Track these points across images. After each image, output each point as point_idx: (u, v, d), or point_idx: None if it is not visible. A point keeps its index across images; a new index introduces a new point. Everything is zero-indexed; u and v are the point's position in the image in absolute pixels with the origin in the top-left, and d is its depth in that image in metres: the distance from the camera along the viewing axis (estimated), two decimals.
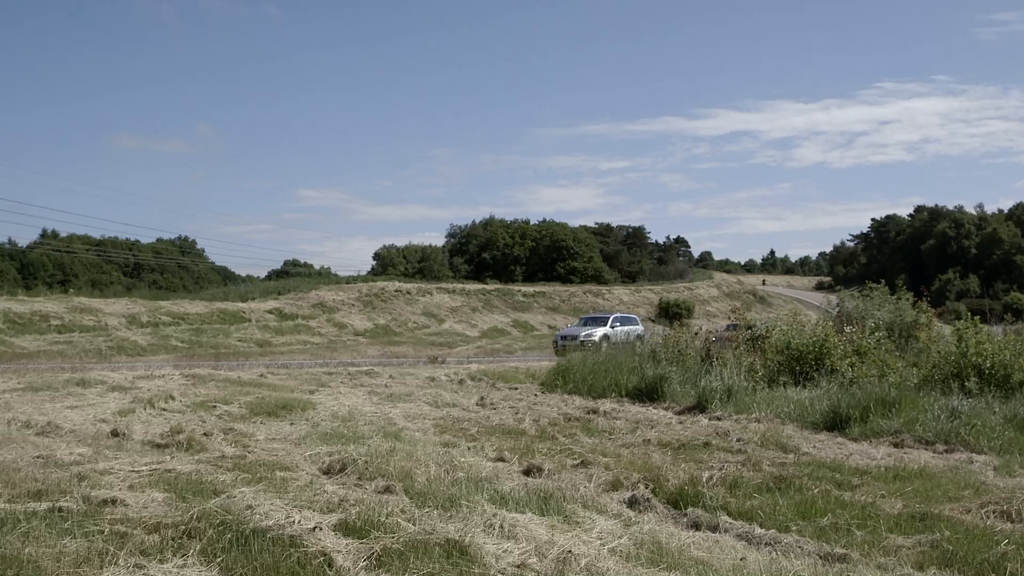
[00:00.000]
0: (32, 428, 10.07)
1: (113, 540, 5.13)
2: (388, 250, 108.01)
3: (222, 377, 16.16)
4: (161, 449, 9.17)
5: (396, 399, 14.44)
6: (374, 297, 56.87)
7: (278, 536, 5.30)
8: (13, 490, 6.41)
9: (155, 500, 6.20)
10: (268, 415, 12.06)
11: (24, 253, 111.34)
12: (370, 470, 7.87)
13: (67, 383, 14.20)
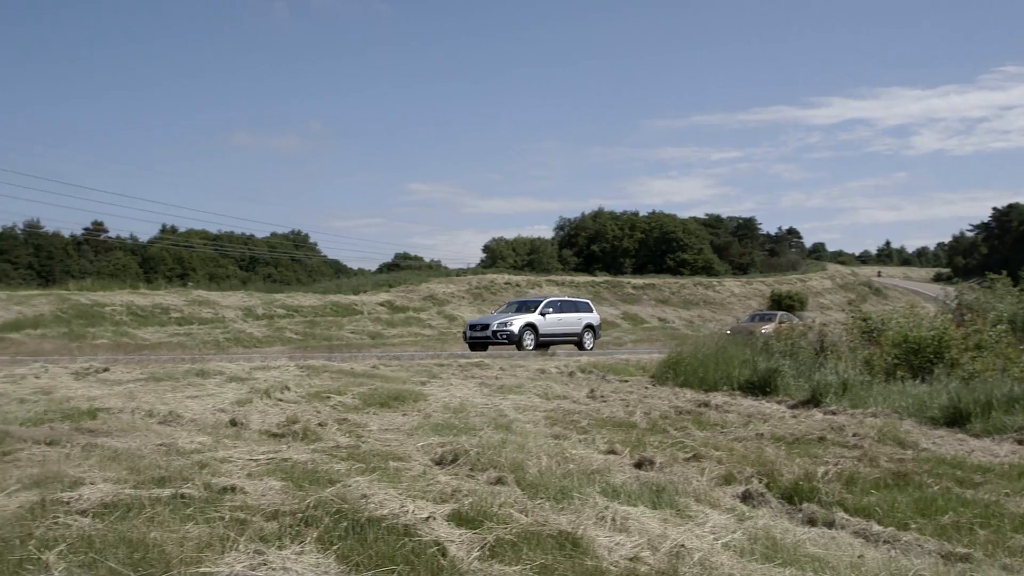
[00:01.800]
0: (155, 417, 10.34)
1: (233, 526, 5.24)
2: (497, 243, 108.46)
3: (335, 368, 16.40)
4: (277, 438, 9.34)
5: (506, 391, 14.49)
6: (483, 290, 57.22)
7: (392, 525, 5.37)
8: (138, 476, 6.60)
9: (273, 488, 6.32)
10: (381, 406, 12.20)
11: (145, 248, 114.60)
12: (482, 461, 7.91)
13: (187, 373, 14.55)
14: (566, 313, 32.69)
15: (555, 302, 33.29)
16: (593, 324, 33.43)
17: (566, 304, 33.72)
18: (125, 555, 4.57)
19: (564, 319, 32.24)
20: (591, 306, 35.13)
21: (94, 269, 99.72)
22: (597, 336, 33.91)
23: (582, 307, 34.24)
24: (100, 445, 8.19)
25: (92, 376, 14.56)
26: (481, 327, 31.31)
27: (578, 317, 32.96)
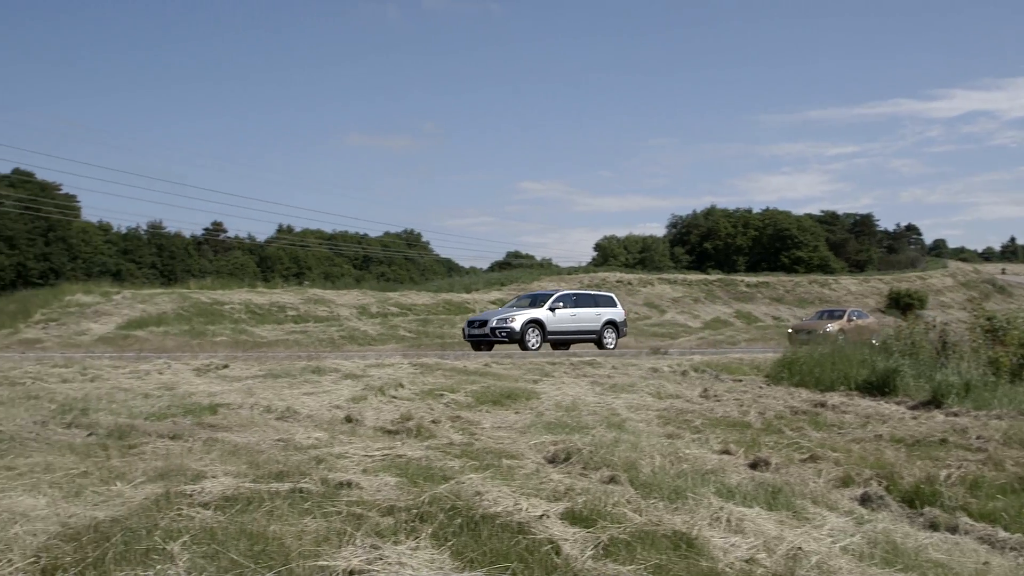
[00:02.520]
0: (272, 413, 10.55)
1: (350, 521, 5.31)
2: (609, 241, 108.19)
3: (448, 366, 16.53)
4: (392, 435, 9.44)
5: (619, 390, 14.42)
6: (595, 288, 57.00)
7: (506, 522, 5.38)
8: (257, 471, 6.74)
9: (388, 484, 6.39)
10: (493, 404, 12.25)
11: (262, 248, 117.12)
12: (595, 460, 7.88)
13: (303, 371, 14.81)
14: (582, 308, 29.94)
15: (569, 296, 30.70)
16: (616, 320, 30.63)
17: (583, 298, 31.12)
18: (246, 547, 4.67)
19: (579, 315, 29.58)
20: (615, 300, 32.13)
21: (214, 268, 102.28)
22: (622, 334, 31.23)
23: (603, 301, 31.43)
24: (221, 440, 8.39)
25: (212, 372, 14.93)
26: (479, 324, 28.45)
27: (596, 313, 30.21)
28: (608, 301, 31.40)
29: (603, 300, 31.41)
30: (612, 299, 31.92)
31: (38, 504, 5.58)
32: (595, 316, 29.98)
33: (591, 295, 32.04)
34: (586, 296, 31.51)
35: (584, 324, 29.56)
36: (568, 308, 29.30)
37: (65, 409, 10.07)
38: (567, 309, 29.22)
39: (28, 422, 9.10)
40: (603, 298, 31.70)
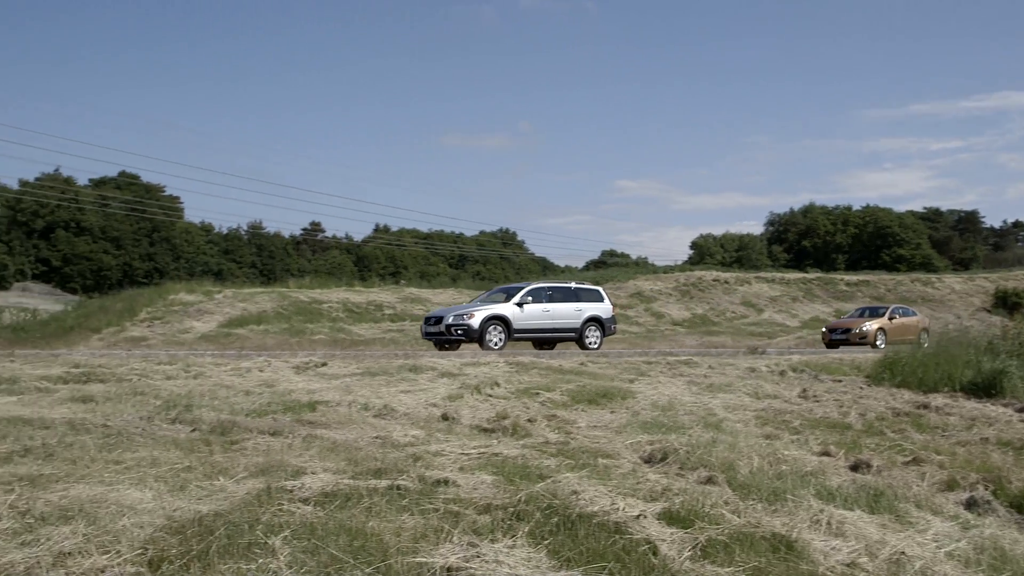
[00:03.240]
0: (370, 410, 10.66)
1: (447, 518, 5.35)
2: (705, 239, 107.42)
3: (544, 365, 16.53)
4: (488, 433, 9.47)
5: (715, 389, 14.28)
6: (691, 287, 56.55)
7: (603, 522, 5.36)
8: (356, 468, 6.82)
9: (484, 482, 6.41)
10: (589, 403, 12.23)
11: (359, 247, 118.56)
12: (691, 460, 7.82)
13: (400, 369, 14.95)
14: (557, 303, 26.95)
15: (543, 289, 27.45)
16: (601, 317, 27.69)
17: (560, 292, 27.80)
18: (345, 543, 4.73)
19: (555, 310, 26.66)
20: (601, 294, 28.89)
21: (312, 268, 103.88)
22: (608, 331, 28.22)
23: (586, 295, 28.24)
24: (319, 436, 8.51)
25: (311, 370, 15.16)
26: (435, 321, 25.91)
27: (576, 308, 27.27)
28: (593, 295, 28.43)
29: (587, 294, 28.30)
30: (598, 293, 28.86)
31: (144, 497, 5.72)
32: (574, 312, 27.19)
33: (571, 288, 28.48)
34: (564, 290, 28.20)
35: (561, 321, 26.82)
36: (541, 303, 26.57)
37: (170, 405, 10.31)
38: (539, 304, 26.48)
39: (134, 417, 9.33)
40: (587, 292, 28.51)
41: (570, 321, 26.89)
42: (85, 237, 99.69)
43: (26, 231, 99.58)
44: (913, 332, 34.22)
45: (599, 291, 28.87)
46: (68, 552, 4.45)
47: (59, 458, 7.06)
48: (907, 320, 36.33)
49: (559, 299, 27.15)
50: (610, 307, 28.66)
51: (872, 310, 38.62)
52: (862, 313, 38.12)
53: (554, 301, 26.93)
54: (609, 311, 28.38)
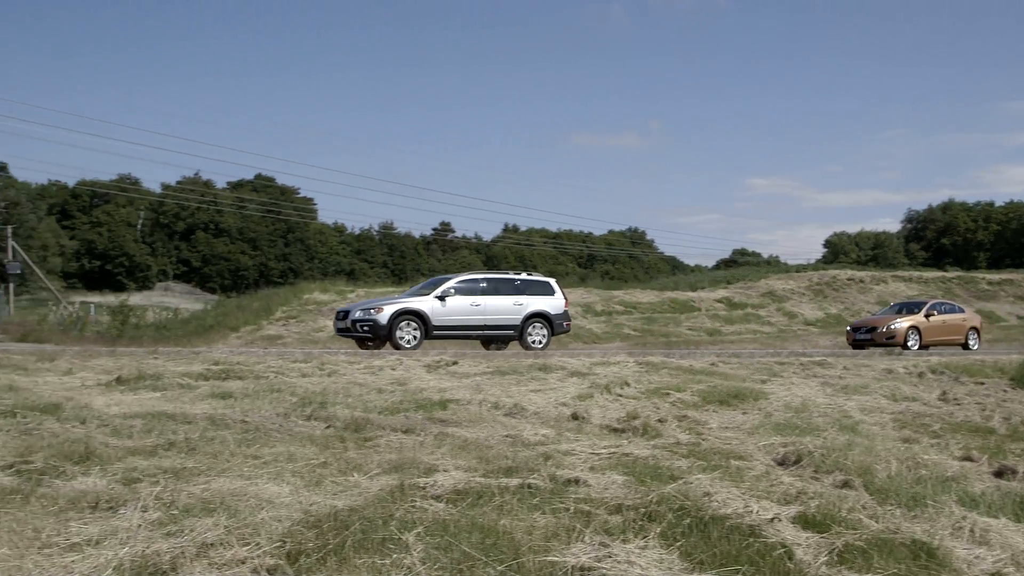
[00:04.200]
0: (500, 409, 10.72)
1: (579, 518, 5.34)
2: (839, 237, 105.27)
3: (674, 365, 16.39)
4: (618, 433, 9.44)
5: (851, 391, 13.96)
6: (825, 286, 55.38)
7: (736, 524, 5.29)
8: (487, 466, 6.87)
9: (615, 482, 6.39)
10: (720, 403, 12.08)
11: (489, 247, 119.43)
12: (827, 463, 7.65)
13: (530, 368, 14.99)
14: (492, 296, 24.05)
15: (476, 281, 24.50)
16: (548, 313, 24.60)
17: (498, 284, 24.70)
18: (477, 540, 4.76)
19: (487, 305, 23.79)
20: (552, 287, 25.57)
21: (442, 267, 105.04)
22: (557, 330, 25.03)
23: (532, 288, 24.99)
24: (451, 434, 8.59)
25: (442, 369, 15.31)
26: (343, 315, 23.55)
27: (516, 303, 24.24)
28: (540, 288, 25.24)
29: (533, 287, 25.13)
30: (548, 285, 25.67)
31: (282, 492, 5.86)
32: (513, 307, 24.24)
33: (512, 280, 25.33)
34: (504, 281, 25.11)
35: (495, 317, 23.96)
36: (470, 296, 23.70)
37: (305, 402, 10.53)
38: (467, 297, 23.62)
39: (271, 414, 9.56)
40: (533, 284, 25.29)
41: (508, 317, 24.11)
42: (223, 238, 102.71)
43: (168, 233, 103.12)
44: (958, 332, 31.28)
45: (549, 283, 25.82)
46: (210, 543, 4.58)
47: (201, 452, 7.28)
48: (950, 318, 31.75)
49: (496, 292, 24.26)
50: (562, 302, 25.40)
51: (909, 306, 33.56)
52: (899, 310, 33.15)
53: (488, 294, 24.04)
54: (560, 306, 25.19)
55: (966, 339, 31.20)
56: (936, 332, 30.58)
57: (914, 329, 30.00)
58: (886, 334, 29.95)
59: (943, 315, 31.50)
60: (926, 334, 30.11)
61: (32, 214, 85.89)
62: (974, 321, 32.56)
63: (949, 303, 34.34)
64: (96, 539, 4.72)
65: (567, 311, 25.53)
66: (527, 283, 25.15)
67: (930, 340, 30.35)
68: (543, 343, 24.32)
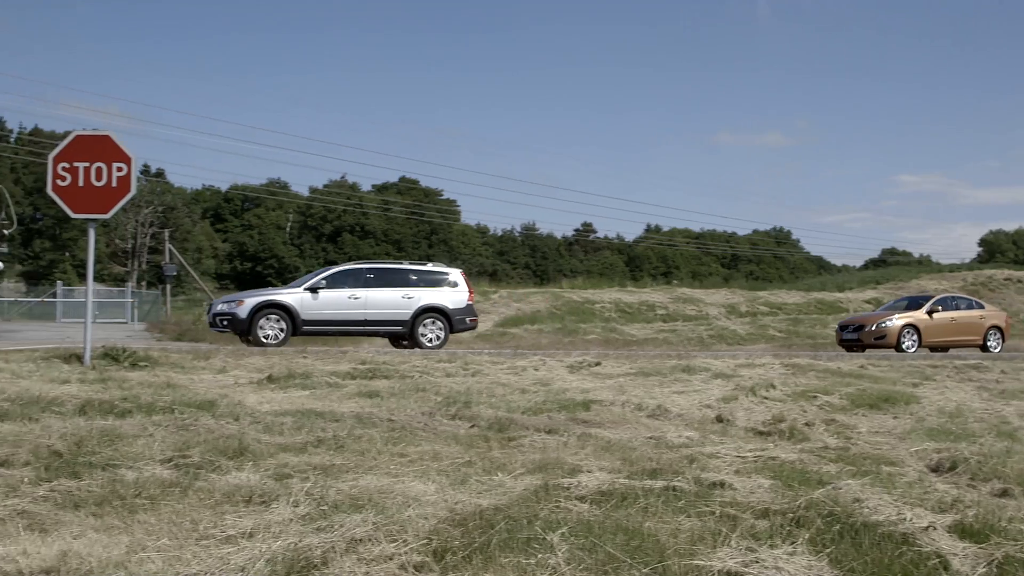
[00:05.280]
0: (643, 411, 10.67)
1: (724, 522, 5.27)
2: (996, 235, 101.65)
3: (821, 367, 16.07)
4: (763, 436, 9.29)
5: (1009, 396, 13.43)
6: (980, 286, 53.48)
7: (888, 532, 5.14)
8: (631, 467, 6.84)
9: (761, 486, 6.29)
10: (870, 407, 11.76)
11: (631, 247, 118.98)
12: (984, 471, 7.37)
13: (673, 369, 14.88)
14: (377, 288, 22.19)
15: (359, 271, 22.77)
16: (445, 308, 22.62)
17: (385, 275, 22.82)
18: (622, 542, 4.74)
19: (370, 298, 21.93)
20: (454, 279, 23.51)
21: (584, 268, 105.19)
22: (458, 326, 23.08)
23: (427, 280, 23.01)
24: (594, 435, 8.58)
25: (585, 370, 15.32)
26: (209, 308, 22.57)
27: (405, 296, 22.34)
28: (439, 280, 23.20)
29: (429, 278, 23.10)
30: (450, 277, 23.55)
31: (428, 490, 5.94)
32: (402, 300, 22.28)
33: (406, 271, 23.40)
34: (395, 272, 23.22)
35: (379, 311, 22.13)
36: (350, 288, 22.01)
37: (449, 401, 10.66)
38: (344, 289, 21.93)
39: (417, 413, 9.70)
40: (430, 275, 23.21)
41: (395, 312, 22.23)
42: (369, 240, 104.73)
43: (315, 235, 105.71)
44: (974, 331, 27.77)
45: (452, 275, 23.68)
46: (359, 539, 4.66)
47: (348, 450, 7.43)
48: (961, 315, 28.29)
49: (382, 283, 22.44)
50: (465, 295, 23.27)
51: (912, 301, 29.99)
52: (907, 305, 29.42)
53: (373, 285, 22.29)
54: (462, 300, 23.12)
55: (984, 339, 28.01)
56: (942, 331, 27.52)
57: (911, 328, 27.07)
58: (875, 333, 27.18)
59: (952, 312, 28.30)
60: (927, 333, 27.10)
61: (187, 218, 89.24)
62: (995, 319, 29.03)
63: (965, 298, 31.06)
64: (250, 532, 4.87)
65: (471, 305, 23.56)
66: (425, 274, 23.31)
67: (934, 341, 27.30)
68: (438, 342, 22.49)
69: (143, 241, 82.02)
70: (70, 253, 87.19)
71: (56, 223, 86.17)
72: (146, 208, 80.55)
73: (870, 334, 27.14)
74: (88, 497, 5.62)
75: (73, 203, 13.71)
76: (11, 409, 9.00)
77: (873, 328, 27.16)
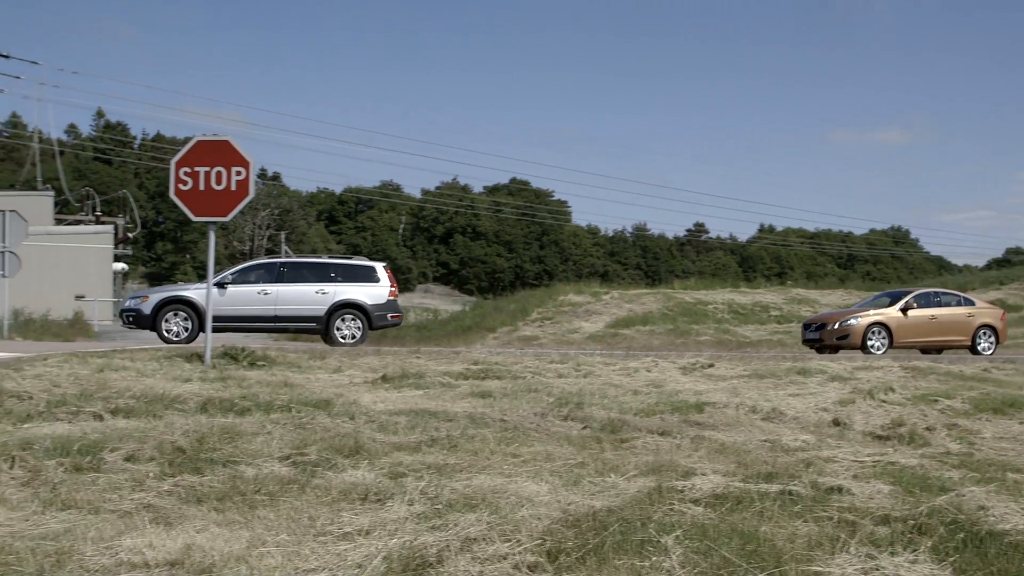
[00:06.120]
0: (758, 413, 10.53)
1: (843, 527, 5.17)
2: None
3: (943, 370, 15.64)
4: (882, 441, 9.10)
5: None
6: None
7: (1016, 542, 4.97)
8: (746, 471, 6.75)
9: (880, 492, 6.15)
10: (994, 412, 11.40)
11: (744, 247, 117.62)
12: None
13: (788, 371, 14.65)
14: (290, 284, 21.40)
15: (272, 265, 22.24)
16: (363, 303, 21.56)
17: (298, 269, 22.23)
18: (737, 546, 4.68)
19: (282, 293, 21.10)
20: (375, 272, 22.35)
21: (696, 268, 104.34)
22: (377, 323, 22.01)
23: (345, 274, 22.04)
24: (707, 438, 8.49)
25: (698, 371, 15.17)
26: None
27: (319, 291, 21.51)
28: (359, 274, 22.12)
29: (350, 273, 22.04)
30: (371, 271, 22.43)
31: (540, 490, 5.95)
32: (315, 296, 21.48)
33: (323, 265, 22.67)
34: (310, 266, 22.61)
35: (292, 307, 21.35)
36: (261, 283, 21.30)
37: (562, 402, 10.66)
38: (255, 285, 21.23)
39: (529, 413, 9.72)
40: (351, 270, 22.06)
41: (307, 308, 21.43)
42: (480, 241, 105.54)
43: (427, 237, 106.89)
44: (959, 331, 25.00)
45: (373, 269, 22.56)
46: (473, 538, 4.70)
47: (462, 449, 7.49)
48: (944, 312, 25.31)
49: (296, 278, 21.68)
50: (386, 291, 22.22)
51: (892, 296, 27.05)
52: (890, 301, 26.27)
53: (286, 280, 21.51)
54: (382, 296, 22.09)
55: (973, 340, 25.18)
56: (918, 331, 24.78)
57: (879, 327, 24.40)
58: (837, 332, 24.60)
59: (933, 308, 25.39)
60: (900, 333, 24.47)
61: (303, 220, 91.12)
62: (987, 317, 25.95)
63: (952, 293, 27.57)
64: (366, 529, 4.94)
65: (394, 301, 22.51)
66: (345, 269, 22.29)
67: (908, 341, 24.70)
68: (355, 339, 21.50)
69: (260, 243, 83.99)
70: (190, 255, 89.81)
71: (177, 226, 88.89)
72: (263, 211, 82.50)
73: (832, 333, 24.84)
74: (210, 492, 5.77)
75: (194, 206, 14.07)
76: (136, 406, 9.30)
77: (835, 327, 24.84)
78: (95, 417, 8.73)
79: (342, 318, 21.54)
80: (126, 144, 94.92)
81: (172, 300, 20.67)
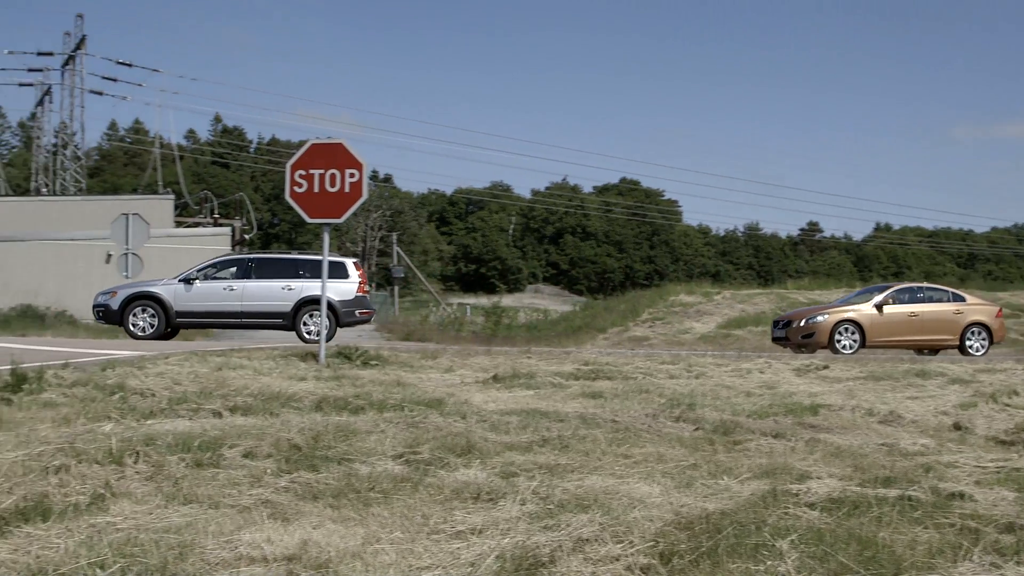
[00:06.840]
0: (874, 416, 10.32)
1: (965, 535, 5.03)
2: None
3: None
4: (1006, 446, 8.82)
5: None
6: None
7: None
8: (862, 475, 6.62)
9: (1005, 499, 5.96)
10: None
11: (859, 247, 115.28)
12: None
13: (906, 374, 14.33)
14: (257, 280, 21.12)
15: (241, 261, 22.05)
16: (331, 299, 20.08)
17: (265, 265, 21.87)
18: (855, 552, 4.59)
19: (248, 289, 20.91)
20: (344, 269, 21.80)
21: (810, 268, 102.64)
22: (345, 319, 21.63)
23: (308, 272, 21.30)
24: (822, 440, 8.34)
25: (812, 373, 14.93)
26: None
27: (286, 287, 21.11)
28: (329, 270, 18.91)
29: (315, 268, 20.38)
30: (341, 267, 21.81)
31: (652, 492, 5.91)
32: (281, 292, 21.12)
33: (291, 260, 22.27)
34: (277, 262, 22.28)
35: (258, 303, 21.08)
36: (229, 279, 21.19)
37: (673, 403, 10.58)
38: (220, 281, 21.16)
39: (640, 414, 9.67)
40: (317, 265, 19.78)
41: (273, 303, 21.14)
42: (590, 241, 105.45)
43: (537, 237, 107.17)
44: (944, 329, 23.06)
45: (342, 265, 22.05)
46: (586, 539, 4.69)
47: (573, 450, 7.48)
48: (926, 309, 23.29)
49: (264, 274, 21.47)
50: (354, 287, 21.81)
51: (876, 291, 25.06)
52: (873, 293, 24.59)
53: (254, 276, 21.32)
54: (350, 292, 21.67)
55: (962, 339, 23.35)
56: (894, 329, 22.88)
57: (850, 324, 22.58)
58: (803, 330, 22.81)
59: (914, 305, 23.43)
60: (873, 331, 22.64)
61: (414, 221, 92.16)
62: (979, 314, 23.80)
63: (940, 288, 25.40)
64: (479, 528, 4.96)
65: (363, 297, 22.21)
66: (313, 264, 21.25)
67: (883, 340, 22.93)
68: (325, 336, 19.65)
69: (372, 244, 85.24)
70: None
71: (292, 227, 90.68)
72: (375, 212, 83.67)
73: (797, 331, 23.11)
74: (325, 489, 5.87)
75: (309, 208, 14.32)
76: (254, 404, 9.51)
77: (801, 324, 23.10)
78: (214, 414, 8.95)
79: (309, 314, 21.25)
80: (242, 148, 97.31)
81: (139, 296, 20.77)
